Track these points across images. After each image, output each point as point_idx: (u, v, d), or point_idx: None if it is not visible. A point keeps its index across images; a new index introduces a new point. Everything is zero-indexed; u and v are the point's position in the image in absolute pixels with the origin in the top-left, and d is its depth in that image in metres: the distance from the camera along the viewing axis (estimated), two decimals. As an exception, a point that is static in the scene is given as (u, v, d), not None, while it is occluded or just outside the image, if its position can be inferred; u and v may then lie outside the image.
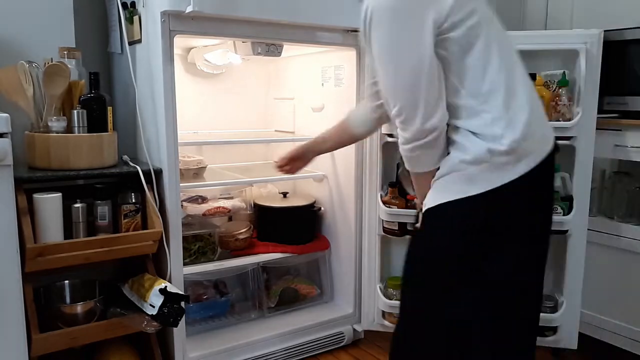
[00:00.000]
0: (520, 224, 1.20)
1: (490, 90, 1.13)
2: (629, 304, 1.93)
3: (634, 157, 1.88)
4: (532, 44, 1.87)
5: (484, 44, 1.13)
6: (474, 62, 1.13)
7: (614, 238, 1.95)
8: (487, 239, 1.18)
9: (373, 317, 2.10)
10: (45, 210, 1.57)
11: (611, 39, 1.89)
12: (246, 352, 1.95)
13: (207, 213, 2.09)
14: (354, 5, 1.39)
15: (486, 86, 1.13)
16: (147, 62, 1.76)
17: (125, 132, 1.92)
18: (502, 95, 1.13)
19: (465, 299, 1.19)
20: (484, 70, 1.13)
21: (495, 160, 1.11)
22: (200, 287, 2.10)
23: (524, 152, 1.13)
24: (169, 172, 1.74)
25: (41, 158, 1.62)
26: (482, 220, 1.16)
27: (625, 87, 1.94)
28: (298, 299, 2.27)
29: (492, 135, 1.11)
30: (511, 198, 1.15)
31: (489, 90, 1.13)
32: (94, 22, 2.00)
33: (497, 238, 1.18)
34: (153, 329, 1.63)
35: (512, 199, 1.15)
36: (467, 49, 1.12)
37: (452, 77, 1.13)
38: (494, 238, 1.18)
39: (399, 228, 1.99)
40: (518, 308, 1.23)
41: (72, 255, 1.56)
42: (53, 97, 1.65)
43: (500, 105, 1.12)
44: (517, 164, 1.12)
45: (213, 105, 2.39)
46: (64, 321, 1.62)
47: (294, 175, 2.32)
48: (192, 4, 1.59)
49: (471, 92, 1.13)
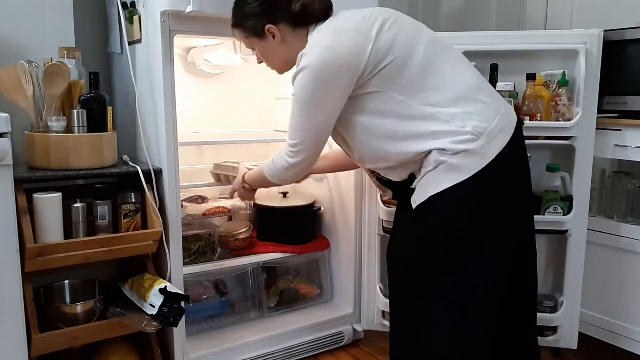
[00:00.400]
0: (509, 201, 1.27)
1: (437, 95, 1.24)
2: (629, 304, 1.93)
3: (633, 157, 1.88)
4: (532, 44, 1.87)
5: (418, 60, 1.25)
6: (411, 79, 1.25)
7: (614, 238, 1.95)
8: (482, 220, 1.25)
9: (373, 317, 2.09)
10: (45, 210, 1.57)
11: (611, 39, 1.89)
12: (246, 352, 1.95)
13: (207, 213, 2.09)
14: (354, 5, 1.39)
15: (432, 94, 1.24)
16: (147, 62, 1.76)
17: (125, 132, 1.92)
18: (448, 96, 1.24)
19: (470, 274, 1.25)
20: (423, 81, 1.25)
21: (469, 147, 1.21)
22: (200, 287, 2.10)
23: (492, 133, 1.22)
24: (168, 172, 1.74)
25: (41, 158, 1.62)
26: (475, 203, 1.24)
27: (625, 87, 1.94)
28: (298, 299, 2.27)
29: (456, 131, 1.22)
30: (495, 176, 1.23)
31: (436, 96, 1.25)
32: (93, 22, 2.01)
33: (490, 217, 1.25)
34: (153, 329, 1.63)
35: (497, 178, 1.23)
36: (400, 72, 1.25)
37: (397, 95, 1.26)
38: (488, 217, 1.25)
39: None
40: (517, 282, 1.30)
41: (72, 255, 1.56)
42: (53, 97, 1.65)
43: (450, 103, 1.24)
44: (490, 144, 1.22)
45: (213, 105, 2.39)
46: (64, 321, 1.62)
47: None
48: (192, 3, 1.59)
49: (421, 102, 1.25)
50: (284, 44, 1.38)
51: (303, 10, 1.34)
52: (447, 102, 1.24)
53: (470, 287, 1.25)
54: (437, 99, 1.24)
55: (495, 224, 1.25)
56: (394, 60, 1.24)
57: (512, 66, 1.91)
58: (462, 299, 1.26)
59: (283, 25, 1.36)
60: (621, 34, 1.93)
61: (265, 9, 1.36)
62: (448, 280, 1.27)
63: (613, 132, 1.91)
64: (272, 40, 1.39)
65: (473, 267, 1.25)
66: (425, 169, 1.26)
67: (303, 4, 1.33)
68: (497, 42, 1.89)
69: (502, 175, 1.24)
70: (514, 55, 1.91)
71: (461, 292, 1.26)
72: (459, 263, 1.26)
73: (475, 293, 1.25)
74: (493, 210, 1.25)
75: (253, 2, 1.37)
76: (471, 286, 1.25)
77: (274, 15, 1.36)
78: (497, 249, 1.25)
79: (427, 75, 1.25)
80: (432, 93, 1.24)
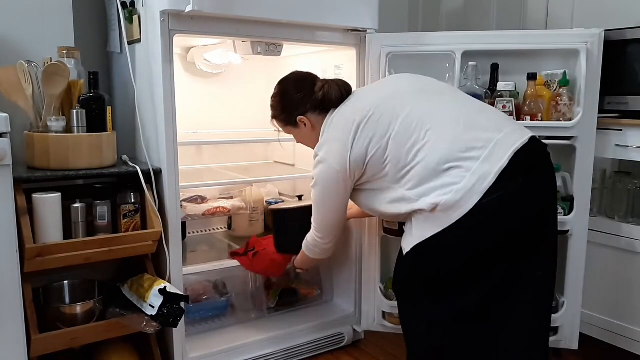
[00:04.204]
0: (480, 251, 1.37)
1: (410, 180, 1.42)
2: (629, 304, 1.93)
3: (634, 157, 1.87)
4: (532, 44, 1.87)
5: (392, 153, 1.43)
6: (388, 172, 1.45)
7: (615, 238, 1.95)
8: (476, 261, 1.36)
9: (373, 317, 2.09)
10: (44, 210, 1.57)
11: (611, 38, 1.89)
12: (246, 353, 1.94)
13: (206, 213, 2.09)
14: (354, 5, 1.39)
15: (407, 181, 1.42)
16: (146, 62, 1.76)
17: (124, 132, 1.91)
18: (417, 179, 1.40)
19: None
20: (399, 174, 1.43)
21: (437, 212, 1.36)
22: (200, 287, 2.09)
23: (458, 201, 1.32)
24: (168, 172, 1.73)
25: (40, 158, 1.62)
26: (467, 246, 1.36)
27: (626, 86, 1.93)
28: (298, 299, 2.26)
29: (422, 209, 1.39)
30: (468, 228, 1.34)
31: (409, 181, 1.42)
32: (93, 22, 2.00)
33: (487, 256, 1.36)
34: (152, 330, 1.62)
35: (470, 228, 1.34)
36: (379, 169, 1.47)
37: (385, 182, 1.47)
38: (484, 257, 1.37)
39: (399, 228, 1.98)
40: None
41: (72, 255, 1.56)
42: (52, 96, 1.64)
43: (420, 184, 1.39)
44: (460, 203, 1.32)
45: (213, 105, 2.39)
46: (64, 321, 1.62)
47: (294, 175, 2.33)
48: (191, 3, 1.59)
49: (401, 187, 1.44)
50: (313, 130, 1.65)
51: (324, 98, 1.61)
52: (418, 184, 1.40)
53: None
54: (410, 184, 1.42)
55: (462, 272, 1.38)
56: (370, 160, 1.47)
57: (512, 66, 1.91)
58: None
59: (310, 114, 1.64)
60: (622, 33, 1.92)
61: (294, 104, 1.66)
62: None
63: (614, 132, 1.91)
64: (304, 128, 1.67)
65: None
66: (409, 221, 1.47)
67: (324, 93, 1.61)
68: (498, 42, 1.89)
69: (462, 238, 1.35)
70: (515, 55, 1.91)
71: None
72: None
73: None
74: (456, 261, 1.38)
75: (285, 99, 1.68)
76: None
77: (303, 107, 1.64)
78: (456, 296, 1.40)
79: (400, 166, 1.43)
80: (406, 180, 1.43)
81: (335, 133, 1.54)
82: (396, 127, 1.43)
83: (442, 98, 1.51)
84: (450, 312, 1.40)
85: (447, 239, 1.35)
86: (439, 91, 1.55)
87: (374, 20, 1.96)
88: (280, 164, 2.54)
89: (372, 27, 1.97)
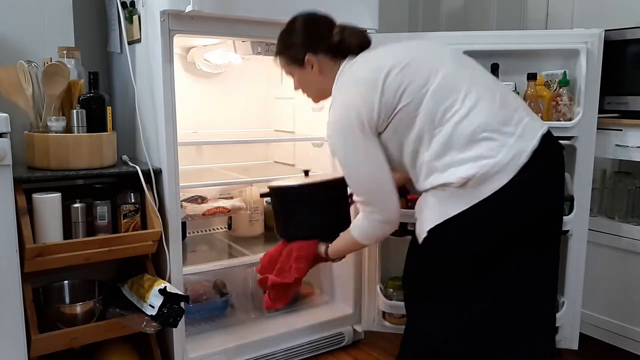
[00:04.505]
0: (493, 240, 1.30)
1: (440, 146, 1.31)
2: (629, 304, 1.93)
3: (634, 157, 1.87)
4: (532, 44, 1.87)
5: (426, 109, 1.31)
6: (419, 131, 1.32)
7: (615, 238, 1.95)
8: (497, 246, 1.30)
9: (373, 317, 2.09)
10: (44, 210, 1.57)
11: (612, 38, 1.89)
12: (246, 353, 1.94)
13: (206, 213, 2.09)
14: (354, 5, 1.39)
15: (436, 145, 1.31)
16: (146, 62, 1.76)
17: (124, 132, 1.91)
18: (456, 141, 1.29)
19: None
20: (431, 133, 1.31)
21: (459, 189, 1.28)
22: (200, 287, 2.09)
23: (484, 176, 1.25)
24: (168, 172, 1.73)
25: (40, 158, 1.62)
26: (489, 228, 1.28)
27: (626, 86, 1.93)
28: (298, 299, 2.26)
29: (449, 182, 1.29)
30: (484, 215, 1.27)
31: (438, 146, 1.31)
32: (93, 22, 2.00)
33: (505, 243, 1.29)
34: (152, 330, 1.62)
35: (487, 216, 1.28)
36: (409, 124, 1.33)
37: (409, 145, 1.35)
38: (503, 243, 1.29)
39: (399, 228, 1.97)
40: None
41: (72, 255, 1.56)
42: (52, 96, 1.64)
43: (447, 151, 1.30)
44: (481, 187, 1.26)
45: (213, 104, 2.38)
46: (64, 321, 1.62)
47: (294, 175, 2.32)
48: (191, 3, 1.59)
49: (427, 150, 1.33)
50: (320, 74, 1.51)
51: (341, 42, 1.47)
52: (445, 150, 1.30)
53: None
54: (436, 148, 1.31)
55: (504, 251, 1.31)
56: (400, 110, 1.33)
57: (512, 66, 1.91)
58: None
59: (321, 56, 1.49)
60: (622, 33, 1.93)
61: (306, 40, 1.50)
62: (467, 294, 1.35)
63: (614, 132, 1.91)
64: (310, 70, 1.52)
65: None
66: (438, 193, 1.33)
67: (342, 37, 1.47)
68: (498, 42, 1.89)
69: (496, 213, 1.28)
70: (515, 55, 1.91)
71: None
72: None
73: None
74: (474, 249, 1.31)
75: (297, 33, 1.52)
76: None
77: (314, 46, 1.49)
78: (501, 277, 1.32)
79: (433, 125, 1.31)
80: (434, 142, 1.31)
81: (363, 74, 1.39)
82: (436, 82, 1.32)
83: (477, 71, 1.41)
84: (471, 316, 1.32)
85: (477, 215, 1.26)
86: (473, 64, 1.44)
87: (374, 20, 1.96)
88: (280, 164, 2.54)
89: (372, 27, 1.97)
